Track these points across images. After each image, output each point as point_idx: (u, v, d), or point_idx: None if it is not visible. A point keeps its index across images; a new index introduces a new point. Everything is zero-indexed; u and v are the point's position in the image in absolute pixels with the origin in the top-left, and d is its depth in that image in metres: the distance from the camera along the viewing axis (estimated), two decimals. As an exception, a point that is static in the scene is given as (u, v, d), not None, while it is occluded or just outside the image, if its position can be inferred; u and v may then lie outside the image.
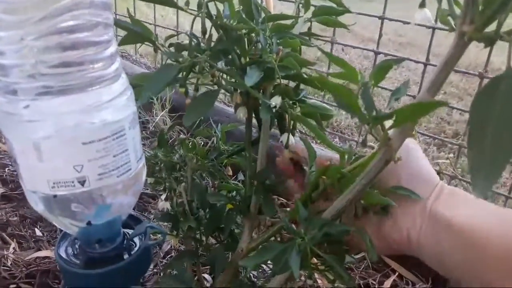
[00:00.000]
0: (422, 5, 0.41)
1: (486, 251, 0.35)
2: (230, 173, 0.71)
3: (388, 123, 0.37)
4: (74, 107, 0.33)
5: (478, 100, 0.26)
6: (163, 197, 0.61)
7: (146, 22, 1.73)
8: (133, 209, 0.89)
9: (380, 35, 0.96)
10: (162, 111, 1.19)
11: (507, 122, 0.25)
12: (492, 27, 0.33)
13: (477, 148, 0.24)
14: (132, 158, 0.38)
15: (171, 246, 0.77)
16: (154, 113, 1.22)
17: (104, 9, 0.34)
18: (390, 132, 0.38)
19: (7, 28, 0.30)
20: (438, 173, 0.93)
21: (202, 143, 1.12)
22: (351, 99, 0.35)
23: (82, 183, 0.36)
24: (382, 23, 0.94)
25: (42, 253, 0.72)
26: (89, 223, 0.39)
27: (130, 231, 0.46)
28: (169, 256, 0.76)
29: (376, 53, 0.98)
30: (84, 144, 0.34)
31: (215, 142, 0.65)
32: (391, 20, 0.93)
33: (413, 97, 0.95)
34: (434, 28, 0.85)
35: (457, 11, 0.38)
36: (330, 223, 0.42)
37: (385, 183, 0.43)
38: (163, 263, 0.74)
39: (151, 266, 0.71)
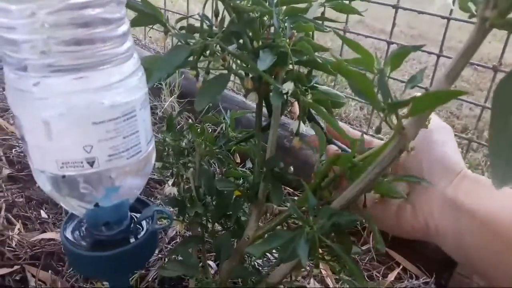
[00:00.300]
0: (442, -9, 0.40)
1: None
2: (238, 160, 0.71)
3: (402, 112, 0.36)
4: (84, 86, 0.33)
5: (502, 86, 0.25)
6: (170, 182, 0.61)
7: (156, 6, 1.72)
8: (140, 194, 0.89)
9: (394, 24, 0.95)
10: (171, 97, 1.18)
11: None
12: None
13: (498, 137, 0.24)
14: (143, 140, 0.38)
15: (176, 232, 0.77)
16: (163, 98, 1.21)
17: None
18: (405, 121, 0.37)
19: (18, 1, 0.30)
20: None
21: (210, 130, 1.11)
22: (367, 85, 0.35)
23: (91, 164, 0.35)
24: (396, 12, 0.92)
25: (47, 235, 0.72)
26: (97, 205, 0.38)
27: (137, 215, 0.45)
28: (174, 242, 0.76)
29: (389, 43, 0.96)
30: (94, 124, 0.34)
31: (224, 128, 0.64)
32: (405, 9, 0.92)
33: (425, 89, 0.94)
34: (449, 19, 0.84)
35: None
36: (339, 213, 0.41)
37: (406, 168, 0.42)
38: (168, 248, 0.74)
39: (156, 252, 0.71)
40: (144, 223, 0.45)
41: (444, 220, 0.39)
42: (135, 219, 0.44)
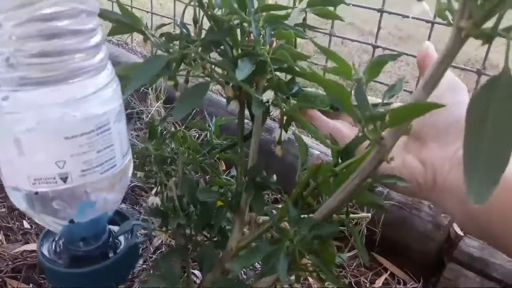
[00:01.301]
0: (421, -2, 0.40)
1: None
2: (224, 167, 0.70)
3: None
4: (56, 99, 0.32)
5: (475, 100, 0.24)
6: (153, 191, 0.60)
7: (143, 9, 1.71)
8: (125, 202, 0.88)
9: (379, 28, 0.95)
10: (157, 102, 1.17)
11: (504, 123, 0.24)
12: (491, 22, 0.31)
13: (472, 151, 0.23)
14: (118, 153, 0.37)
15: (162, 241, 0.76)
16: (149, 103, 1.20)
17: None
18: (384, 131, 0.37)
19: (-17, 15, 0.29)
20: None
21: (197, 135, 1.10)
22: (344, 96, 0.34)
23: (65, 179, 0.34)
24: (381, 16, 0.92)
25: (29, 247, 0.71)
26: (71, 221, 0.37)
27: (117, 228, 0.44)
28: (160, 251, 0.75)
29: (375, 47, 0.96)
30: (66, 138, 0.33)
31: (208, 136, 0.64)
32: (390, 13, 0.92)
33: (410, 93, 0.94)
34: (433, 23, 0.84)
35: (456, 5, 0.37)
36: (321, 225, 0.40)
37: (420, 128, 0.42)
38: (153, 258, 0.73)
39: (141, 262, 0.70)
40: (123, 237, 0.44)
41: (455, 175, 0.38)
42: (114, 234, 0.43)
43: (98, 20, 0.34)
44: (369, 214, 0.45)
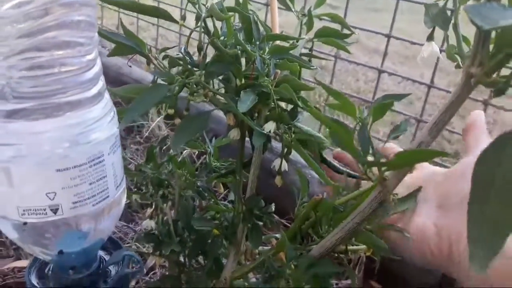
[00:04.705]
0: (430, 38, 0.39)
1: None
2: (222, 190, 0.69)
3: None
4: (48, 132, 0.31)
5: (483, 159, 0.23)
6: (147, 214, 0.59)
7: (149, 21, 1.71)
8: (120, 219, 0.87)
9: (385, 54, 0.94)
10: (158, 116, 1.16)
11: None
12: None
13: (477, 216, 0.22)
14: (111, 185, 0.36)
15: (155, 262, 0.74)
16: (150, 118, 1.19)
17: (89, 29, 0.31)
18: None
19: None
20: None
21: (196, 152, 1.09)
22: (347, 137, 0.33)
23: (55, 211, 0.33)
24: (388, 41, 0.92)
25: (21, 263, 0.70)
26: (61, 252, 0.36)
27: (108, 256, 0.43)
28: (153, 272, 0.73)
29: (380, 71, 0.96)
30: (58, 171, 0.32)
31: (207, 159, 0.63)
32: (397, 39, 0.91)
33: (415, 119, 0.93)
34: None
35: (466, 48, 0.36)
36: (318, 264, 0.39)
37: (444, 195, 0.40)
38: (145, 280, 0.71)
39: (133, 283, 0.69)
40: (114, 266, 0.43)
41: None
42: (104, 262, 0.42)
43: (97, 52, 0.33)
44: (366, 248, 0.44)
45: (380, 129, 1.57)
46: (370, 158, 0.32)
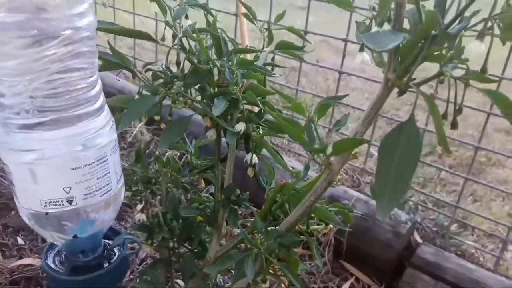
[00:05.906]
0: (362, 49, 0.49)
1: None
2: (203, 184, 0.78)
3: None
4: (64, 139, 0.39)
5: (386, 142, 0.33)
6: (139, 207, 0.67)
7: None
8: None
9: (344, 56, 1.04)
10: (139, 123, 1.24)
11: (407, 159, 0.32)
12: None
13: (383, 178, 0.32)
14: (113, 179, 0.44)
15: (147, 254, 0.83)
16: (132, 124, 1.27)
17: (92, 56, 0.40)
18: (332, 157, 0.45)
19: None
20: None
21: (179, 153, 1.18)
22: (297, 131, 0.43)
23: (70, 202, 0.42)
24: (345, 45, 1.02)
25: (25, 261, 0.77)
26: (75, 236, 0.45)
27: (110, 242, 0.52)
28: (145, 263, 0.82)
29: (340, 73, 1.06)
30: (72, 169, 0.40)
31: (188, 158, 0.71)
32: (353, 42, 1.01)
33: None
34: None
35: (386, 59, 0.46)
36: (284, 234, 0.49)
37: None
38: (139, 269, 0.80)
39: (128, 273, 0.77)
40: (116, 249, 0.51)
41: None
42: (108, 246, 0.51)
43: (98, 73, 0.42)
44: (324, 226, 0.53)
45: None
46: (316, 147, 0.42)
